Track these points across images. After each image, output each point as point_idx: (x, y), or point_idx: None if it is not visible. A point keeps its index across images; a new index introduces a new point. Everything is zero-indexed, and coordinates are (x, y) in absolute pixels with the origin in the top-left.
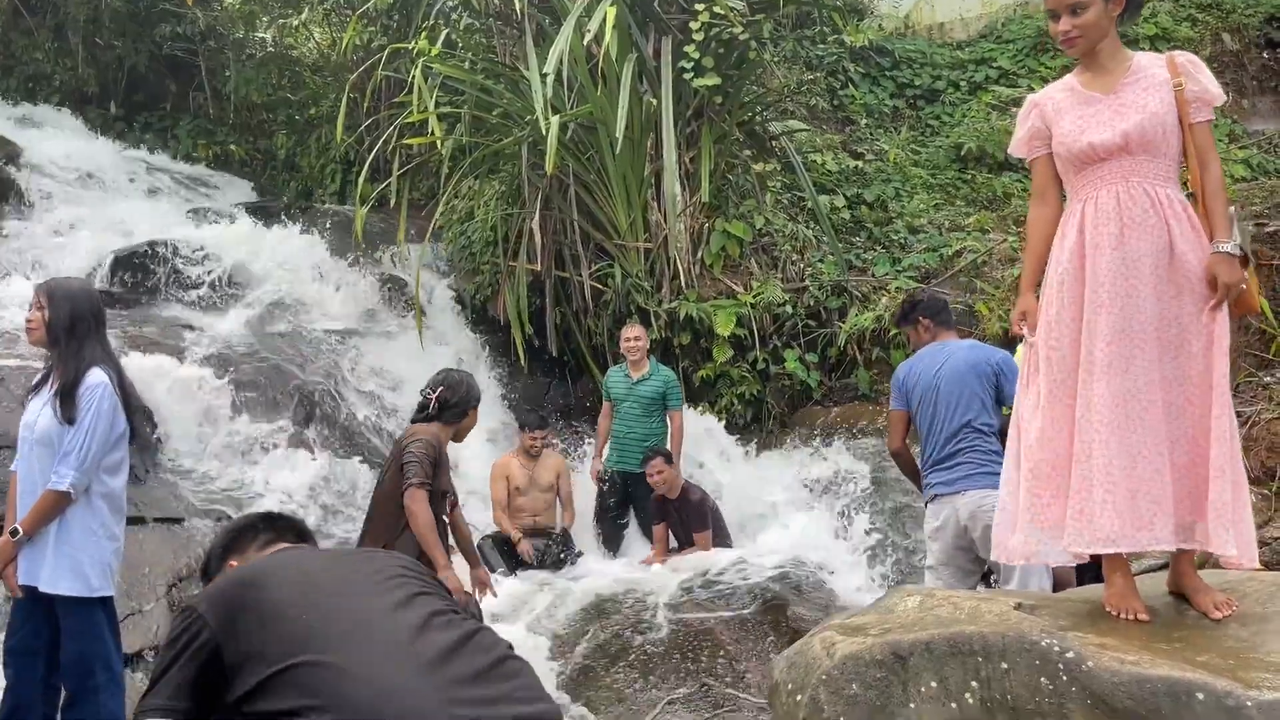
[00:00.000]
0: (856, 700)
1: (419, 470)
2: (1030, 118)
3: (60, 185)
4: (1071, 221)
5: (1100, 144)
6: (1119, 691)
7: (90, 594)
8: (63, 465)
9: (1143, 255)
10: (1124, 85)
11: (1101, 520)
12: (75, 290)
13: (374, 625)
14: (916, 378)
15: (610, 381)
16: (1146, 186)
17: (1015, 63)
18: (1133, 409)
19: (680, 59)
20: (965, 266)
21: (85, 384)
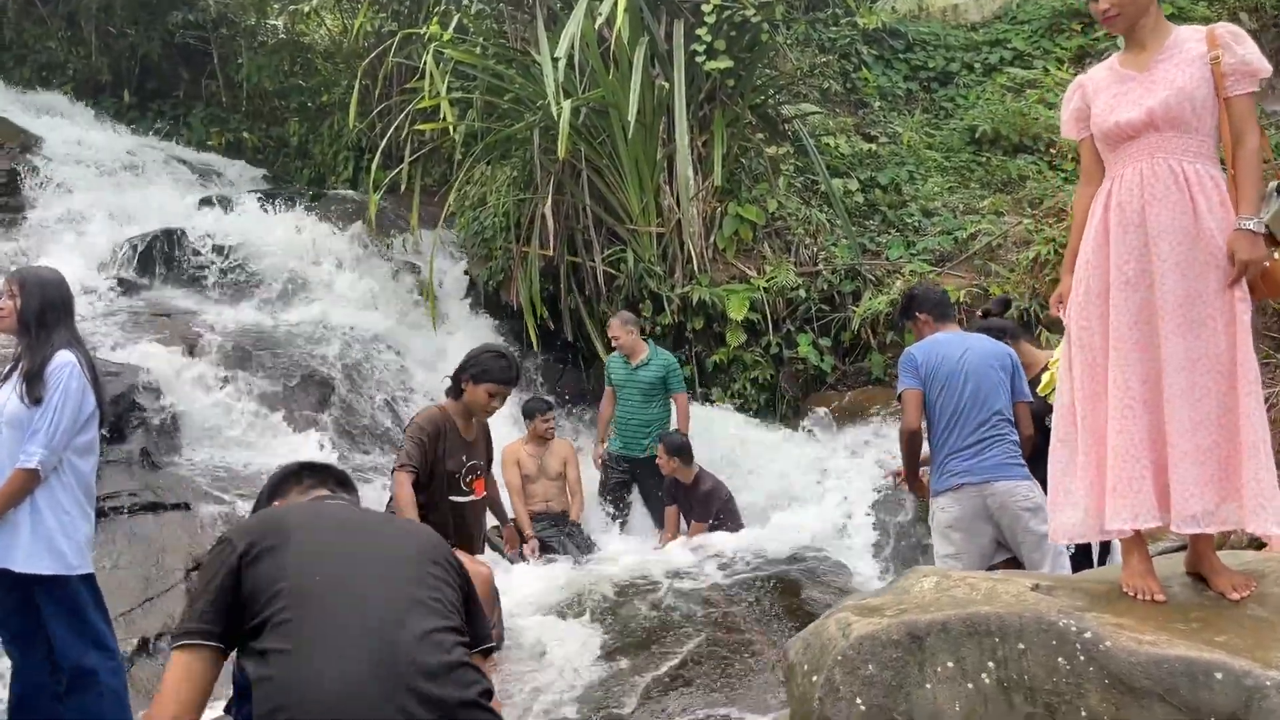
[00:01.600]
0: (872, 681)
1: (404, 453)
2: (1074, 98)
3: (74, 174)
4: (1100, 200)
5: (1126, 122)
6: (1136, 671)
7: (69, 571)
8: (31, 444)
9: (1164, 231)
10: (1158, 62)
11: (1128, 499)
12: (46, 279)
13: (354, 625)
14: (939, 360)
15: (611, 367)
16: (1172, 162)
17: (1030, 44)
18: (1158, 389)
19: (692, 42)
20: (980, 249)
21: (52, 364)
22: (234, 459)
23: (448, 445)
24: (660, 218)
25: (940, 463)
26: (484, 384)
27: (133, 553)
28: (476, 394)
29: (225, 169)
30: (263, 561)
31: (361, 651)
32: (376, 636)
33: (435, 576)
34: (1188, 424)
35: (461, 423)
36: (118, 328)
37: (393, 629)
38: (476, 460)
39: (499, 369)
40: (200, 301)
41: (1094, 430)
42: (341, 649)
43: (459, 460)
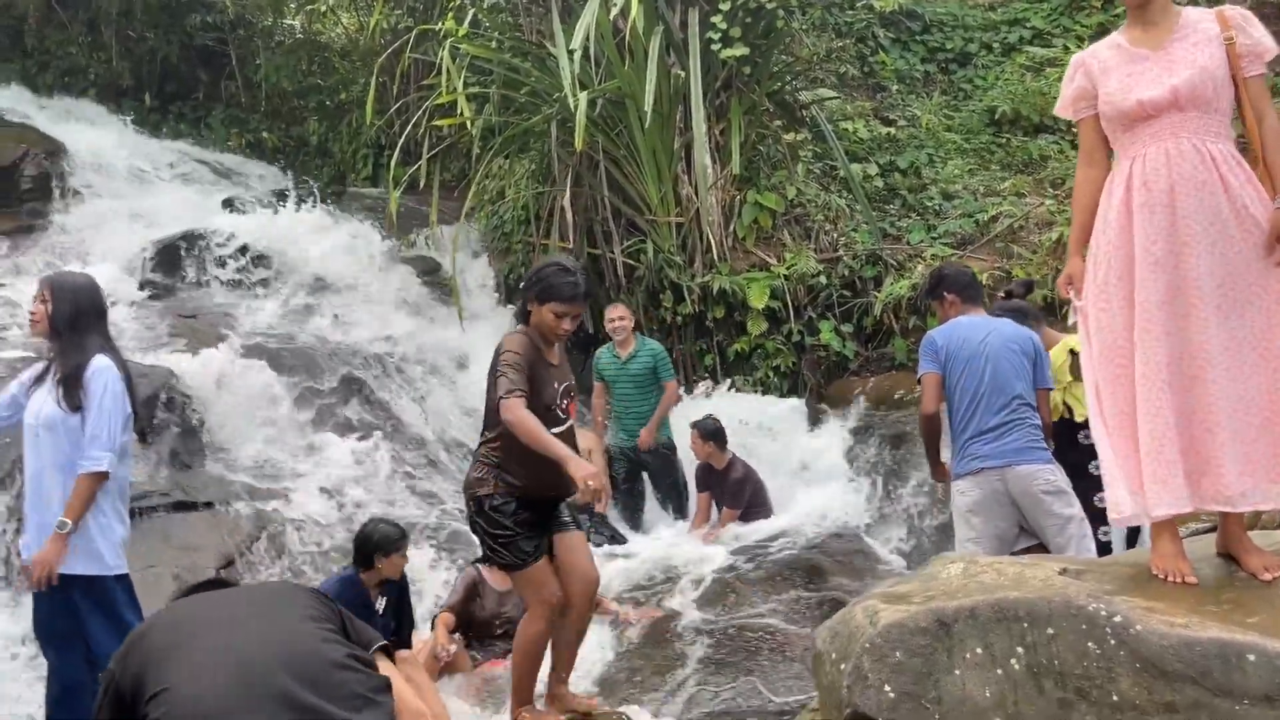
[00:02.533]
0: (901, 668)
1: (507, 380)
2: (1076, 78)
3: (97, 178)
4: (1119, 180)
5: (1149, 101)
6: (1168, 654)
7: (106, 572)
8: (92, 448)
9: (1194, 212)
10: (1173, 41)
11: (1167, 487)
12: (78, 285)
13: (223, 659)
14: (960, 343)
15: (600, 363)
16: (1196, 142)
17: (1049, 22)
18: (1186, 371)
19: (707, 30)
20: (1002, 232)
21: (90, 369)
22: (263, 458)
23: (538, 372)
24: (679, 207)
25: (961, 446)
26: (549, 303)
27: (165, 552)
28: (543, 315)
29: (246, 170)
30: (131, 666)
31: (229, 672)
32: (243, 661)
33: (307, 616)
34: (1232, 404)
35: (544, 346)
36: (145, 330)
37: (260, 650)
38: (568, 382)
39: (564, 285)
40: (226, 301)
41: (1119, 413)
42: (212, 676)
43: (552, 388)
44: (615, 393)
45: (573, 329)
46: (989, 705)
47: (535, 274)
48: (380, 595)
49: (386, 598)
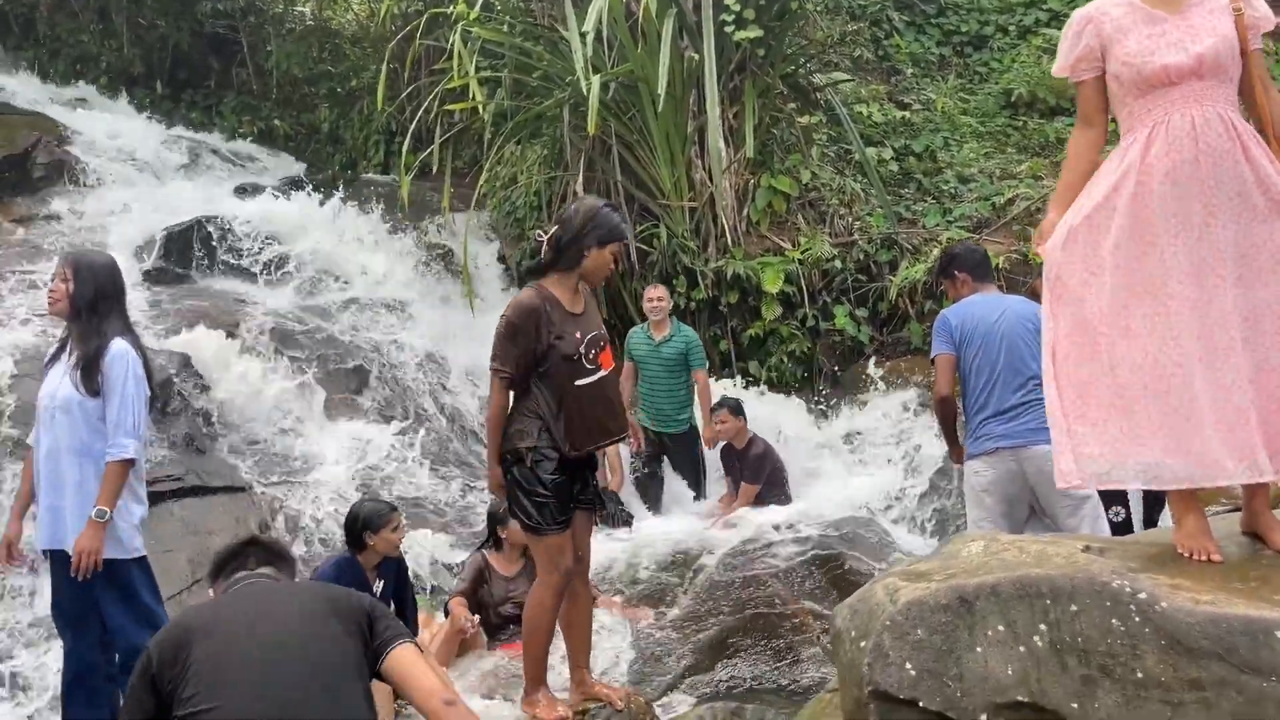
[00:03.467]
0: (922, 645)
1: (494, 353)
2: (1085, 35)
3: (110, 165)
4: (1133, 146)
5: (1174, 66)
6: (1194, 631)
7: (123, 555)
8: (119, 435)
9: (1222, 181)
10: (1190, 6)
11: (1196, 455)
12: (99, 265)
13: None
14: (975, 323)
15: (632, 343)
16: (1220, 110)
17: (1065, 3)
18: (1217, 342)
19: (721, 12)
20: (1018, 215)
21: (110, 353)
22: (276, 443)
23: (555, 326)
24: (692, 191)
25: (975, 426)
26: (610, 244)
27: (179, 536)
28: (603, 258)
29: (258, 157)
30: (171, 666)
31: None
32: (283, 702)
33: (336, 635)
34: (1250, 376)
35: (567, 296)
36: (158, 315)
37: (300, 694)
38: (595, 331)
39: (621, 223)
40: (238, 288)
41: (1107, 381)
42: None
43: (574, 338)
44: (643, 375)
45: (616, 271)
46: (1011, 682)
47: (595, 217)
48: (378, 578)
49: (384, 580)
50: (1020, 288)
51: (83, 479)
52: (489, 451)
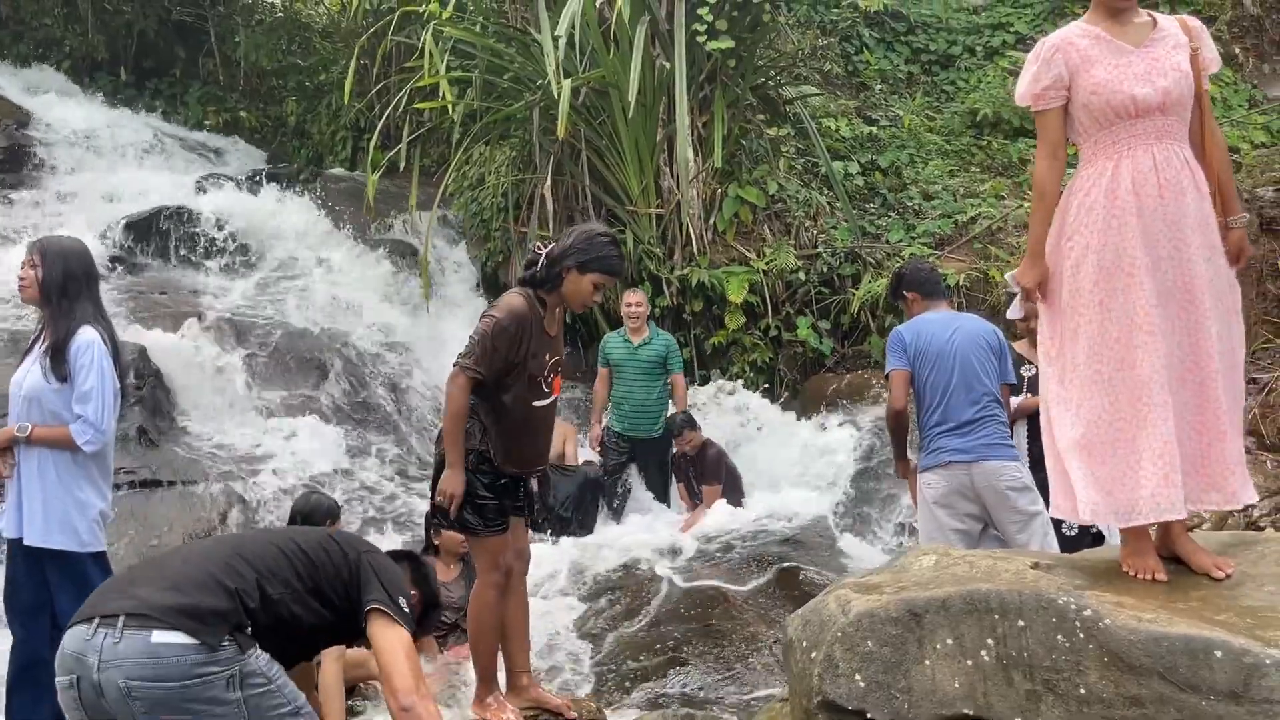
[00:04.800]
0: (872, 657)
1: (470, 350)
2: (1054, 63)
3: (70, 151)
4: (1099, 183)
5: (1141, 98)
6: (1136, 649)
7: (81, 549)
8: (84, 425)
9: (1181, 218)
10: (1153, 41)
11: (1163, 490)
12: (68, 249)
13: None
14: (928, 339)
15: (609, 347)
16: (1176, 148)
17: (1032, 27)
18: (1188, 371)
19: (694, 22)
20: (980, 233)
21: (77, 342)
22: (231, 437)
23: (532, 344)
24: (660, 199)
25: (929, 440)
26: (592, 273)
27: (130, 530)
28: (581, 284)
29: (222, 148)
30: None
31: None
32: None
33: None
34: (1221, 407)
35: (546, 315)
36: (115, 305)
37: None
38: (558, 356)
39: (614, 259)
40: (197, 280)
41: (1105, 417)
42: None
43: (542, 360)
44: (620, 378)
45: (599, 302)
46: (958, 695)
47: (583, 241)
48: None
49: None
50: (980, 305)
51: (53, 469)
52: (450, 453)
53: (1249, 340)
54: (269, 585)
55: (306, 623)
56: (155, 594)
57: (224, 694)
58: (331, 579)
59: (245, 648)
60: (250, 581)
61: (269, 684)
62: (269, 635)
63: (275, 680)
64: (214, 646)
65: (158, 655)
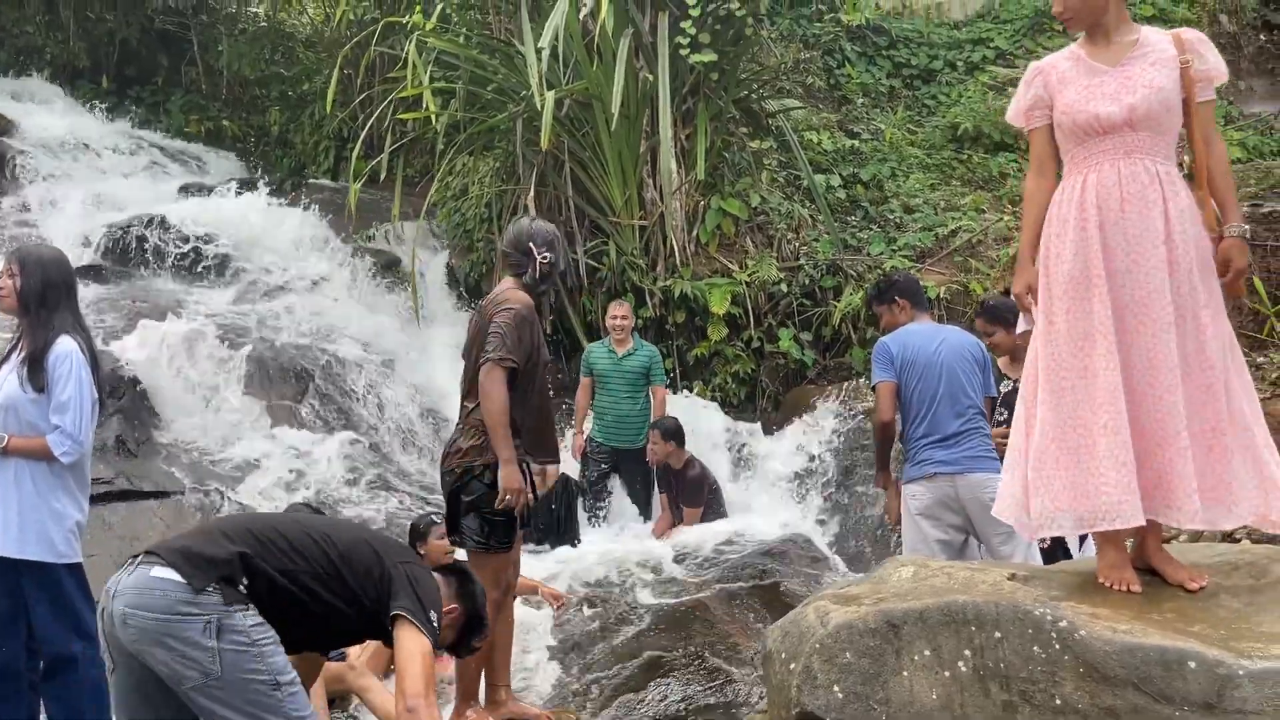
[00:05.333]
0: (850, 668)
1: (501, 343)
2: (1034, 85)
3: (51, 159)
4: (1071, 194)
5: (1105, 116)
6: (1111, 660)
7: (57, 560)
8: (63, 439)
9: (1144, 232)
10: (1131, 59)
11: (1121, 498)
12: (47, 258)
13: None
14: (915, 351)
15: (593, 357)
16: (1147, 163)
17: (1012, 43)
18: (1140, 386)
19: (677, 35)
20: (960, 246)
21: (55, 352)
22: (210, 447)
23: (538, 334)
24: (643, 210)
25: (914, 452)
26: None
27: (107, 541)
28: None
29: (204, 156)
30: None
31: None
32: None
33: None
34: (1179, 422)
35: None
36: (94, 313)
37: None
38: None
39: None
40: (178, 289)
41: (1065, 423)
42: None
43: (546, 349)
44: (603, 389)
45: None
46: (936, 706)
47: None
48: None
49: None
50: (961, 318)
51: (30, 479)
52: (502, 450)
53: None
54: (282, 557)
55: (318, 608)
56: (176, 540)
57: (200, 638)
58: (360, 576)
59: (231, 600)
60: (262, 546)
61: (250, 645)
62: (273, 605)
63: (258, 644)
64: (198, 589)
65: (150, 587)
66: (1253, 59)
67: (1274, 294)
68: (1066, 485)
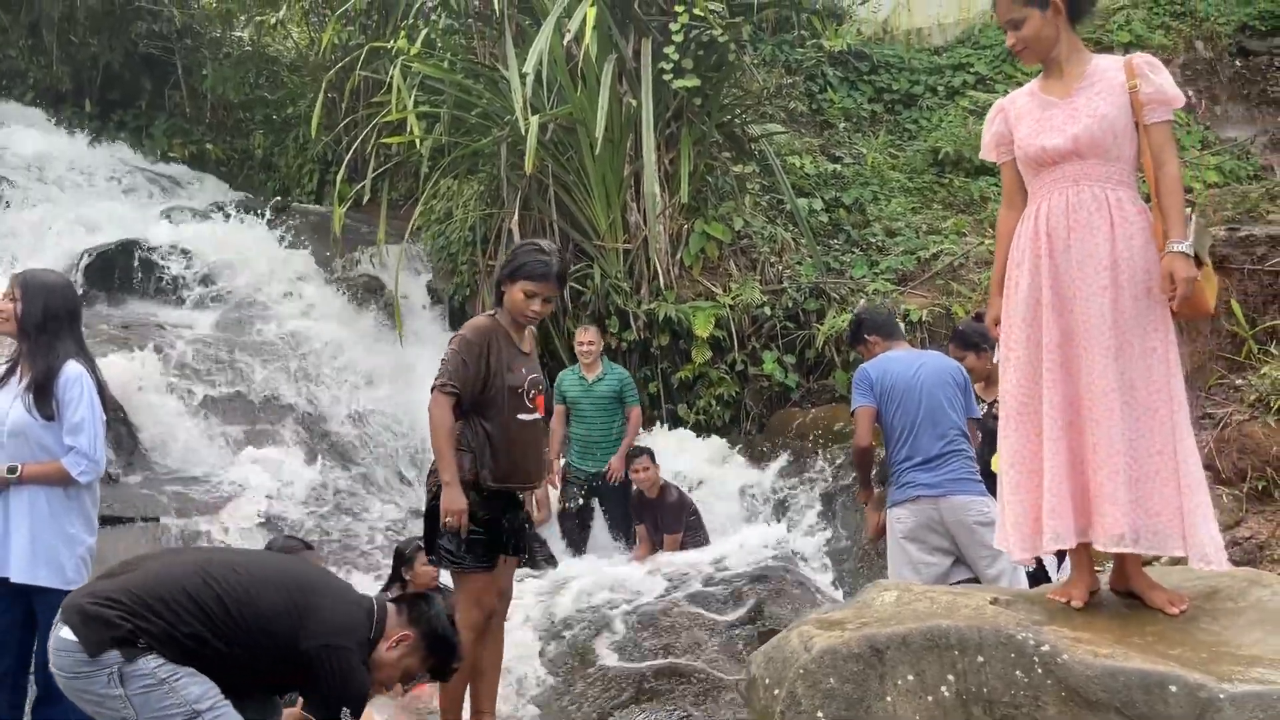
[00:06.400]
0: (834, 694)
1: (444, 371)
2: (995, 122)
3: (34, 183)
4: (1026, 225)
5: (1051, 148)
6: (1093, 684)
7: (65, 585)
8: (79, 459)
9: (1087, 257)
10: (1079, 90)
11: (1049, 521)
12: (51, 283)
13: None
14: (894, 377)
15: (565, 384)
16: (1096, 190)
17: (992, 68)
18: (1079, 412)
19: (660, 60)
20: (942, 269)
21: (64, 377)
22: (194, 473)
23: (504, 357)
24: (627, 234)
25: (897, 475)
26: (519, 281)
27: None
28: (513, 294)
29: (188, 180)
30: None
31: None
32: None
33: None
34: (1113, 446)
35: (515, 333)
36: None
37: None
38: (535, 374)
39: (535, 263)
40: (161, 314)
41: (1022, 449)
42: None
43: (520, 373)
44: (577, 415)
45: (543, 311)
46: None
47: (510, 254)
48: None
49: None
50: (943, 341)
51: (44, 503)
52: (443, 472)
53: (1203, 376)
54: (186, 624)
55: (237, 662)
56: (84, 592)
57: (106, 690)
58: (274, 650)
59: (131, 656)
60: (171, 612)
61: (158, 684)
62: (184, 660)
63: (167, 681)
64: (93, 654)
65: (59, 649)
66: (1229, 84)
67: (1251, 316)
68: (1020, 508)
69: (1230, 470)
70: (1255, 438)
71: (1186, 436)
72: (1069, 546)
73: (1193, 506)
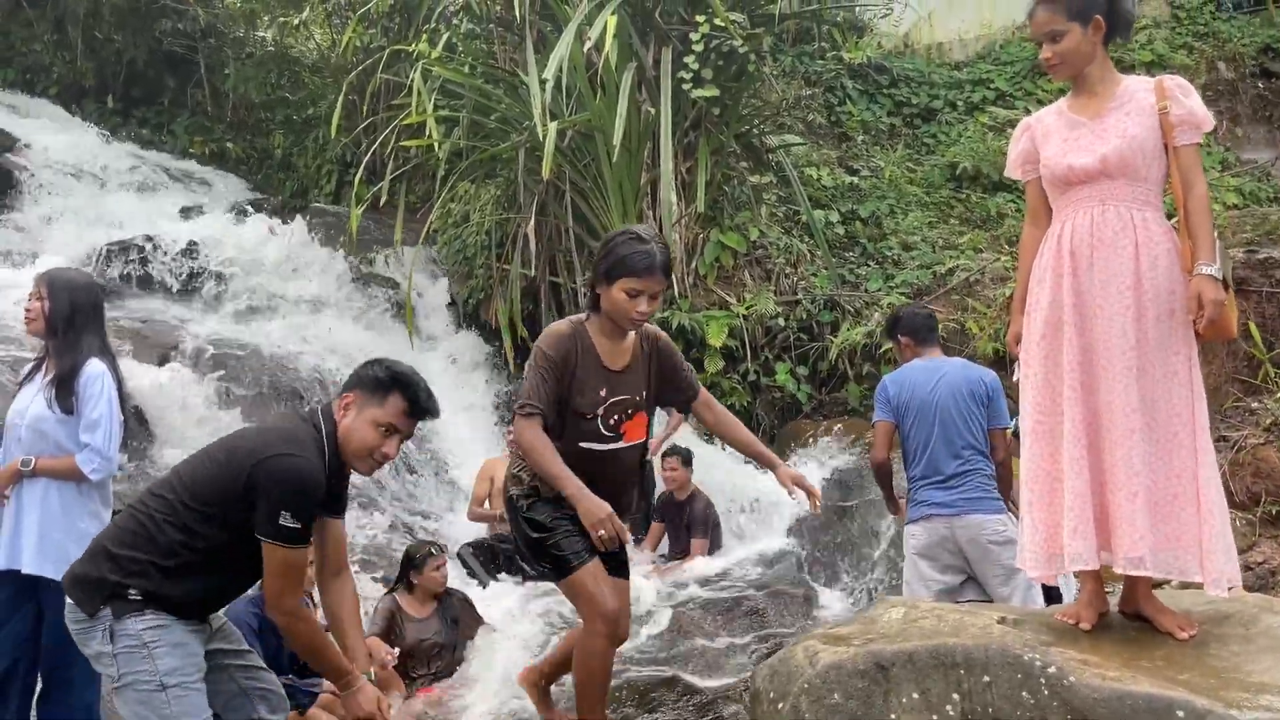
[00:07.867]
0: (838, 709)
1: (524, 391)
2: (1022, 140)
3: (55, 177)
4: (1049, 244)
5: (1079, 167)
6: (1100, 707)
7: None
8: (92, 455)
9: (1111, 277)
10: (1109, 110)
11: (1070, 542)
12: (76, 282)
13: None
14: (911, 390)
15: None
16: (1122, 209)
17: (1012, 84)
18: (1097, 431)
19: (680, 69)
20: (958, 284)
21: (85, 374)
22: None
23: (580, 375)
24: None
25: (913, 492)
26: (619, 280)
27: None
28: (612, 296)
29: (207, 178)
30: None
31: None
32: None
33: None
34: (1132, 467)
35: (606, 344)
36: None
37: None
38: (625, 395)
39: (637, 255)
40: (176, 310)
41: (1039, 467)
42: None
43: (595, 395)
44: None
45: (650, 311)
46: None
47: (602, 247)
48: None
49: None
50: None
51: (56, 498)
52: (568, 487)
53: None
54: (155, 541)
55: (227, 549)
56: (80, 560)
57: (100, 646)
58: (222, 505)
59: (121, 612)
60: (131, 536)
61: (139, 647)
62: (181, 578)
63: (149, 645)
64: (90, 613)
65: (69, 621)
66: (1251, 106)
67: (1269, 340)
68: (1041, 526)
69: (1244, 494)
70: (1270, 462)
71: (1207, 460)
72: (1092, 568)
73: (1211, 532)
